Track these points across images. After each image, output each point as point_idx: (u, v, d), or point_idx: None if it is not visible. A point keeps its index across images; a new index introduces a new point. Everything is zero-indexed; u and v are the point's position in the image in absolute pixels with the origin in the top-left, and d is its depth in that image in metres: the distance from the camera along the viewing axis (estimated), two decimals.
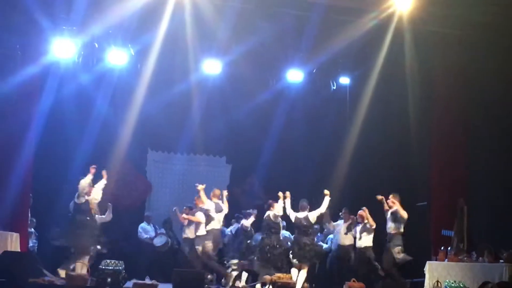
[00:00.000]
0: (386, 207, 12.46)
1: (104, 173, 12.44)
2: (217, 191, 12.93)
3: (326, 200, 12.48)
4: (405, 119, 14.10)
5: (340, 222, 13.33)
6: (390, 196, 12.42)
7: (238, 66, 14.31)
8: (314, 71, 14.85)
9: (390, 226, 12.29)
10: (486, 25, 12.61)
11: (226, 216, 13.11)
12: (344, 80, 15.17)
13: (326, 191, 12.55)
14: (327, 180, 14.43)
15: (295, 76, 14.82)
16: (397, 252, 12.06)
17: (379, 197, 12.52)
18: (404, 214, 12.20)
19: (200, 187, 12.66)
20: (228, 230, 13.87)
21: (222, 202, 12.93)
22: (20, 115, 12.58)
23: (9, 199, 12.03)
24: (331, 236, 13.74)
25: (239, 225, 13.41)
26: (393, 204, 12.32)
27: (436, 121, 13.88)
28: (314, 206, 12.58)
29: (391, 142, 14.84)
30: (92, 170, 12.28)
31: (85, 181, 12.12)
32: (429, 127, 13.98)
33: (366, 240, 12.72)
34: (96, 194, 12.26)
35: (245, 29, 13.24)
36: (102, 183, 12.40)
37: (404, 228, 12.24)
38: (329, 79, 15.11)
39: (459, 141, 13.62)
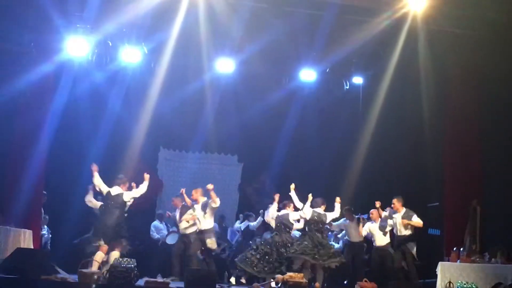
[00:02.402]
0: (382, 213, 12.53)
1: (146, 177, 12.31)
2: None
3: (337, 207, 12.61)
4: (418, 119, 14.06)
5: (343, 221, 13.32)
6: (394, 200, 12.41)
7: (251, 65, 14.30)
8: (327, 70, 14.80)
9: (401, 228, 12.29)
10: (501, 25, 12.55)
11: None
12: (357, 80, 15.10)
13: (338, 199, 12.63)
14: (340, 180, 14.42)
15: (308, 75, 14.79)
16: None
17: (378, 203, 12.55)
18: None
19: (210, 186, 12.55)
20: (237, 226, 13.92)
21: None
22: (34, 112, 12.69)
23: (22, 196, 12.12)
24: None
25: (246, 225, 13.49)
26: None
27: (450, 121, 13.82)
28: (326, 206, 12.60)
29: (405, 142, 14.80)
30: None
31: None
32: (443, 127, 13.92)
33: (383, 239, 12.74)
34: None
35: (258, 28, 13.21)
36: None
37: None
38: (342, 79, 15.06)
39: (473, 141, 13.56)
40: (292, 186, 12.68)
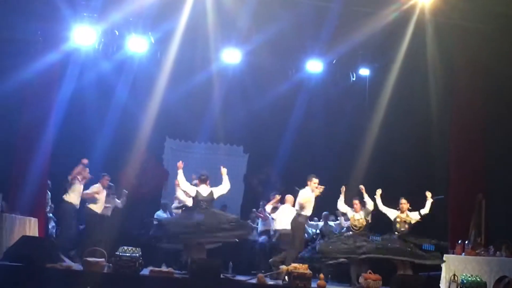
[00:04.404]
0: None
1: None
2: None
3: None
4: (425, 111, 14.00)
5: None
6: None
7: (258, 56, 14.29)
8: (333, 62, 14.78)
9: None
10: (509, 18, 12.49)
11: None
12: (364, 72, 15.08)
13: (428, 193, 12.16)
14: (346, 172, 14.39)
15: (314, 66, 14.79)
16: None
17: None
18: None
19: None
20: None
21: None
22: (41, 101, 12.71)
23: (28, 185, 12.16)
24: None
25: None
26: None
27: (457, 114, 13.76)
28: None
29: (411, 134, 14.74)
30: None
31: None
32: (449, 120, 13.87)
33: None
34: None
35: (265, 19, 13.18)
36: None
37: None
38: (349, 70, 15.04)
39: (479, 134, 13.51)
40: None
